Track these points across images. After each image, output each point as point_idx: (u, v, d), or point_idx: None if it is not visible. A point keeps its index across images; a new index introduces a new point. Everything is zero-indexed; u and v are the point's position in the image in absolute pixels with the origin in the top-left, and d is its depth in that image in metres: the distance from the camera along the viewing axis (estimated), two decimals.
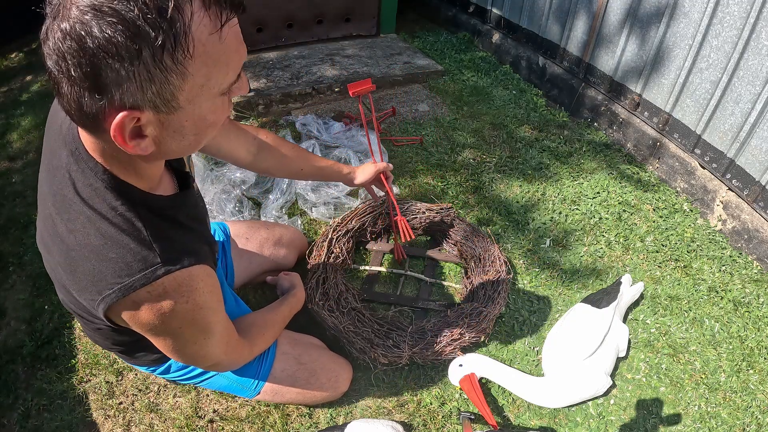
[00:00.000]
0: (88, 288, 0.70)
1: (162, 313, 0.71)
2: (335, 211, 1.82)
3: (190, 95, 0.57)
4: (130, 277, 0.68)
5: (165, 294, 0.70)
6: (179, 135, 0.62)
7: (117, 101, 0.53)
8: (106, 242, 0.68)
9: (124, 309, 0.70)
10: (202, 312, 0.77)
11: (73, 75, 0.51)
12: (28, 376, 1.34)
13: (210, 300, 0.78)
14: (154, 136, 0.60)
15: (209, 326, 0.81)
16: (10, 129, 2.51)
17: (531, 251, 1.72)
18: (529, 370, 1.37)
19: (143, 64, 0.51)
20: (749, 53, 1.61)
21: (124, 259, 0.68)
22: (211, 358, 0.87)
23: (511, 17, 2.88)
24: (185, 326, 0.76)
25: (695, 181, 1.91)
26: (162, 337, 0.77)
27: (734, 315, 1.51)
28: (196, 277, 0.74)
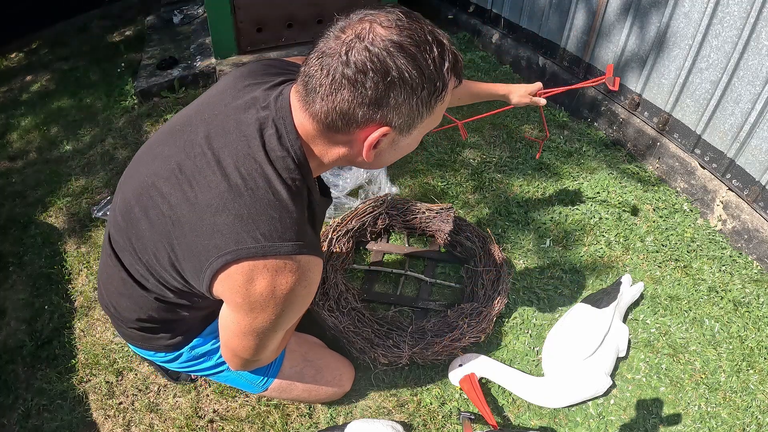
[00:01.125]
0: (219, 238, 0.70)
1: (281, 288, 0.72)
2: (335, 211, 1.82)
3: (422, 129, 0.75)
4: (282, 240, 0.70)
5: (295, 271, 0.72)
6: (395, 153, 0.77)
7: (385, 119, 0.68)
8: (277, 201, 0.72)
9: (250, 269, 0.70)
10: (305, 301, 0.79)
11: (365, 87, 0.64)
12: (28, 376, 1.34)
13: (311, 295, 0.80)
14: (382, 148, 0.74)
15: (291, 320, 0.81)
16: (10, 129, 2.51)
17: (531, 251, 1.72)
18: (529, 370, 1.37)
19: (420, 99, 0.67)
20: (749, 53, 1.61)
21: (284, 223, 0.71)
22: (262, 351, 0.86)
23: (511, 17, 2.88)
24: (285, 310, 0.76)
25: (695, 181, 1.91)
26: (254, 314, 0.75)
27: (734, 315, 1.51)
28: (318, 271, 0.78)
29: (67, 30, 3.69)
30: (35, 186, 2.06)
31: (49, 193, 2.01)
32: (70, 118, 2.55)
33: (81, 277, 1.62)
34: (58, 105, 2.68)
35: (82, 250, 1.72)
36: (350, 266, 1.62)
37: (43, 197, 1.99)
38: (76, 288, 1.59)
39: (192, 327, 1.05)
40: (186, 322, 1.02)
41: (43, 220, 1.87)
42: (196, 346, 1.09)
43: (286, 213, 0.72)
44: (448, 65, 0.68)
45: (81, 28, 3.73)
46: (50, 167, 2.18)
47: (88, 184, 2.04)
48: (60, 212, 1.90)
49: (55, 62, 3.21)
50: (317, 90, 0.67)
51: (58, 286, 1.59)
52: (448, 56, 0.68)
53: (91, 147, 2.29)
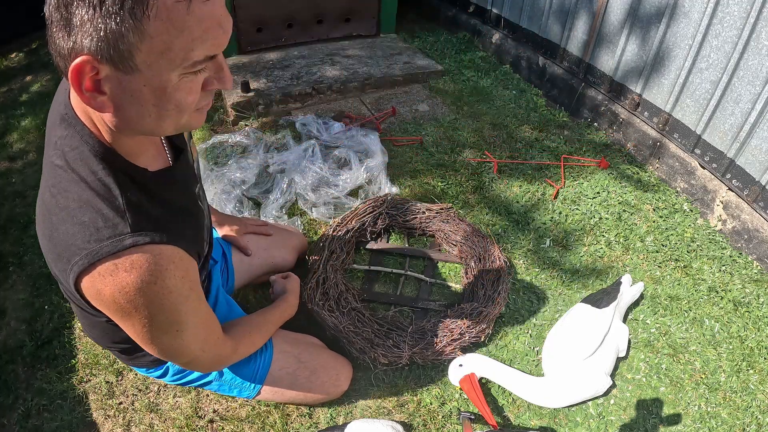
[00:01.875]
0: (62, 255, 0.68)
1: (126, 290, 0.67)
2: (335, 211, 1.82)
3: (148, 59, 0.57)
4: (99, 242, 0.66)
5: (132, 268, 0.67)
6: (137, 102, 0.61)
7: (79, 44, 0.54)
8: (82, 205, 0.67)
9: (91, 281, 0.67)
10: (171, 297, 0.72)
11: (54, 15, 0.54)
12: (28, 376, 1.34)
13: (182, 286, 0.73)
14: (112, 95, 0.60)
15: (181, 316, 0.76)
16: (10, 129, 2.51)
17: (531, 251, 1.72)
18: (529, 370, 1.37)
19: (105, 11, 0.52)
20: (749, 53, 1.61)
21: (95, 224, 0.66)
22: (186, 353, 0.83)
23: (511, 17, 2.88)
24: (154, 311, 0.71)
25: (695, 181, 1.91)
26: (130, 320, 0.72)
27: (734, 315, 1.51)
28: (167, 257, 0.71)
29: None
30: (35, 186, 2.06)
31: None
32: None
33: None
34: None
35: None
36: (350, 266, 1.62)
37: None
38: None
39: None
40: None
41: None
42: None
43: (95, 213, 0.67)
44: None
45: None
46: None
47: None
48: None
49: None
50: (50, 39, 0.58)
51: (58, 286, 1.59)
52: None
53: None
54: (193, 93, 0.63)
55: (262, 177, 1.97)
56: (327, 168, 1.95)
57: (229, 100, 2.39)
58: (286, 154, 2.03)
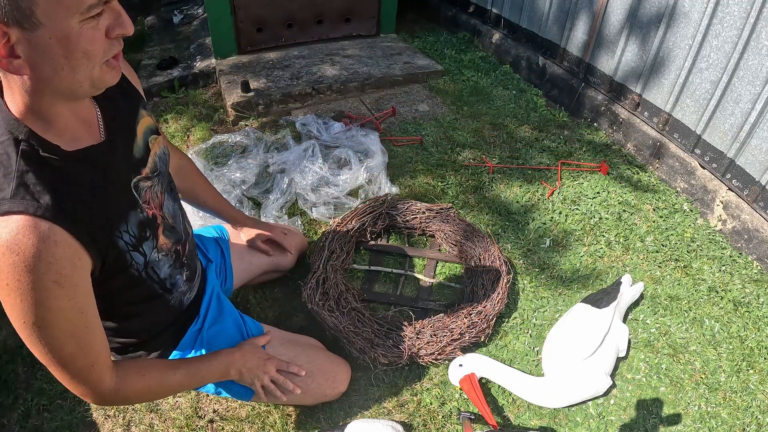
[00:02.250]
0: None
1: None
2: (335, 211, 1.82)
3: (46, 10, 0.59)
4: None
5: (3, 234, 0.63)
6: (49, 57, 0.63)
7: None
8: None
9: None
10: (28, 277, 0.66)
11: None
12: (28, 376, 1.34)
13: (45, 271, 0.67)
14: (26, 56, 0.62)
15: (39, 308, 0.69)
16: None
17: (531, 251, 1.72)
18: (529, 370, 1.37)
19: None
20: (749, 53, 1.61)
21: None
22: (53, 363, 0.76)
23: (511, 17, 2.88)
24: (13, 290, 0.66)
25: (695, 181, 1.91)
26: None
27: (734, 315, 1.51)
28: (40, 233, 0.66)
29: None
30: None
31: None
32: None
33: None
34: None
35: None
36: (350, 266, 1.62)
37: None
38: None
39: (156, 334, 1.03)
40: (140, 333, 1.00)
41: None
42: None
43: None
44: None
45: None
46: None
47: None
48: None
49: None
50: None
51: None
52: None
53: None
54: (98, 40, 0.65)
55: (262, 177, 1.97)
56: (327, 168, 1.95)
57: (229, 100, 2.39)
58: (286, 154, 2.03)
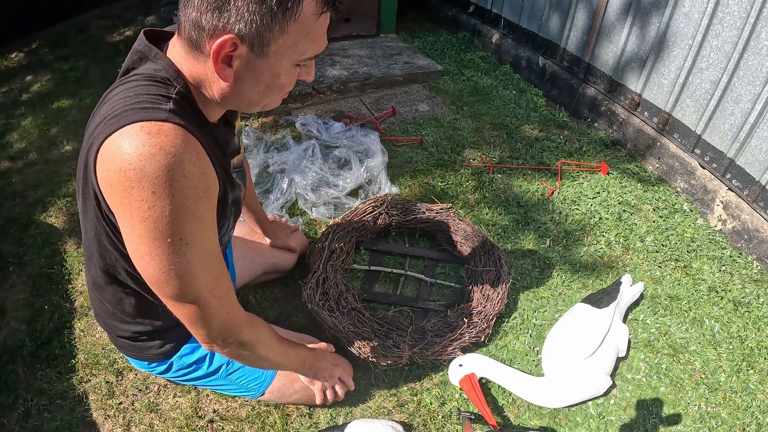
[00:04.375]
0: (104, 128, 0.69)
1: (143, 152, 0.64)
2: (335, 211, 1.82)
3: (279, 50, 0.71)
4: (134, 111, 0.68)
5: (157, 133, 0.66)
6: (255, 79, 0.74)
7: (229, 26, 0.67)
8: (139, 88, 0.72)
9: (113, 139, 0.66)
10: (185, 184, 0.68)
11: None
12: (28, 376, 1.34)
13: (198, 182, 0.70)
14: (238, 69, 0.72)
15: (190, 223, 0.71)
16: (10, 129, 2.51)
17: (531, 251, 1.72)
18: (529, 370, 1.37)
19: (266, 8, 0.66)
20: (749, 53, 1.61)
21: (140, 98, 0.70)
22: (192, 285, 0.75)
23: (511, 17, 2.88)
24: (161, 195, 0.66)
25: (695, 181, 1.91)
26: (132, 201, 0.67)
27: (734, 315, 1.51)
28: (194, 144, 0.70)
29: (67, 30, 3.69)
30: (35, 186, 2.06)
31: (49, 193, 2.01)
32: (70, 118, 2.55)
33: (81, 277, 1.62)
34: (58, 105, 2.68)
35: (82, 251, 1.72)
36: (350, 266, 1.61)
37: (43, 197, 1.99)
38: (76, 288, 1.59)
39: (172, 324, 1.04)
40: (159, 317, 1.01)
41: (43, 220, 1.87)
42: (184, 354, 1.09)
43: (147, 93, 0.71)
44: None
45: (81, 28, 3.73)
46: (50, 167, 2.17)
47: None
48: (60, 212, 1.90)
49: (55, 62, 3.20)
50: (186, 7, 0.69)
51: (58, 286, 1.59)
52: None
53: None
54: (292, 80, 0.78)
55: (262, 177, 1.97)
56: (327, 168, 1.95)
57: None
58: (286, 154, 2.03)
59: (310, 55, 0.75)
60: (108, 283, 0.93)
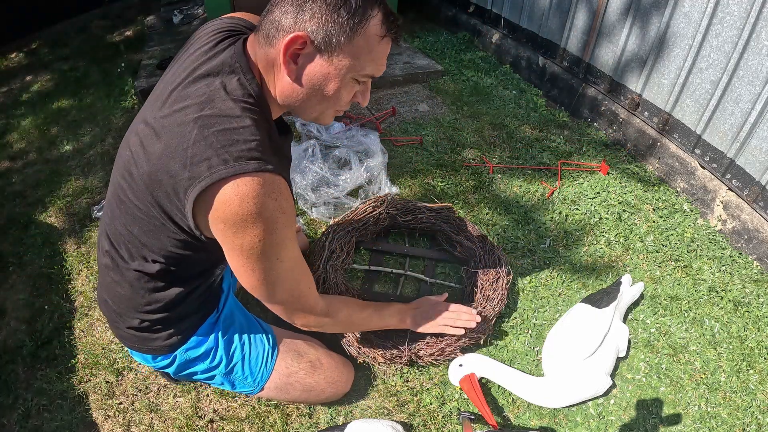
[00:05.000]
0: (194, 169, 0.75)
1: (251, 199, 0.75)
2: (335, 211, 1.82)
3: (341, 56, 0.79)
4: (249, 160, 0.75)
5: (260, 186, 0.76)
6: (314, 83, 0.82)
7: (303, 26, 0.76)
8: (241, 128, 0.78)
9: (220, 192, 0.75)
10: (283, 218, 0.81)
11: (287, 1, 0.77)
12: (28, 376, 1.34)
13: (290, 212, 0.83)
14: (302, 68, 0.80)
15: (284, 243, 0.85)
16: (10, 129, 2.51)
17: (531, 251, 1.72)
18: (529, 370, 1.37)
19: (338, 15, 0.75)
20: (749, 53, 1.61)
21: (248, 146, 0.76)
22: (286, 280, 0.91)
23: (511, 17, 2.88)
24: (266, 227, 0.79)
25: (695, 181, 1.91)
26: (243, 235, 0.79)
27: (734, 315, 1.51)
28: (281, 184, 0.80)
29: (67, 30, 3.69)
30: (35, 186, 2.06)
31: (49, 193, 2.01)
32: (70, 118, 2.55)
33: (81, 277, 1.62)
34: (58, 105, 2.68)
35: (82, 250, 1.72)
36: (350, 266, 1.61)
37: (43, 197, 1.99)
38: (76, 288, 1.59)
39: (185, 314, 1.06)
40: (178, 305, 1.03)
41: (43, 220, 1.87)
42: (190, 348, 1.09)
43: (251, 138, 0.77)
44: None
45: (81, 28, 3.73)
46: (50, 167, 2.18)
47: (88, 184, 2.04)
48: (60, 212, 1.90)
49: (55, 62, 3.21)
50: (271, 13, 0.80)
51: (58, 286, 1.59)
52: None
53: (91, 147, 2.29)
54: (346, 95, 0.85)
55: None
56: (327, 168, 1.95)
57: None
58: None
59: (368, 72, 0.82)
60: (137, 267, 0.95)
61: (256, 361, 1.15)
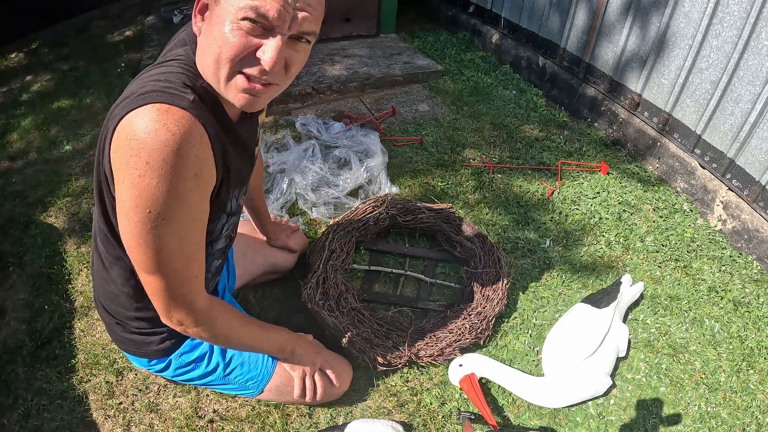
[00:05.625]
0: (128, 104, 0.71)
1: (147, 130, 0.68)
2: (335, 211, 1.82)
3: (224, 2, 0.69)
4: (162, 95, 0.71)
5: (161, 114, 0.69)
6: (206, 36, 0.73)
7: None
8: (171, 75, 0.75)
9: (133, 115, 0.69)
10: (182, 165, 0.70)
11: None
12: (28, 376, 1.34)
13: (193, 166, 0.73)
14: (206, 22, 0.74)
15: (175, 201, 0.73)
16: (10, 129, 2.51)
17: (531, 251, 1.72)
18: (529, 370, 1.37)
19: None
20: (749, 53, 1.61)
21: (169, 84, 0.73)
22: (160, 255, 0.77)
23: (511, 17, 2.88)
24: (157, 168, 0.69)
25: (695, 181, 1.91)
26: (129, 171, 0.70)
27: (734, 315, 1.51)
28: (200, 134, 0.73)
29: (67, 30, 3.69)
30: (35, 186, 2.06)
31: (49, 193, 2.01)
32: (70, 118, 2.55)
33: (81, 277, 1.62)
34: (58, 105, 2.68)
35: (82, 250, 1.72)
36: (350, 266, 1.61)
37: (43, 197, 1.99)
38: (76, 288, 1.59)
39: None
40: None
41: (43, 220, 1.87)
42: (184, 353, 1.09)
43: (175, 81, 0.75)
44: None
45: (81, 28, 3.73)
46: (50, 167, 2.17)
47: (88, 184, 2.03)
48: (60, 212, 1.90)
49: (55, 62, 3.21)
50: None
51: (58, 286, 1.59)
52: None
53: (91, 147, 2.29)
54: (234, 42, 0.70)
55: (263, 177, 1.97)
56: (327, 168, 1.95)
57: None
58: (286, 154, 2.03)
59: (245, 5, 0.67)
60: (117, 260, 0.93)
61: (256, 364, 1.15)
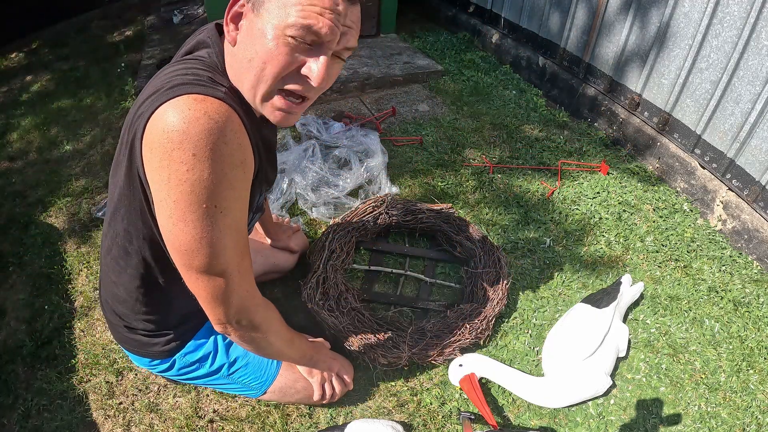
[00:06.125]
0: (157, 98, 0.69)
1: (186, 119, 0.65)
2: (335, 211, 1.82)
3: (265, 8, 0.68)
4: (195, 86, 0.69)
5: (198, 103, 0.66)
6: (244, 47, 0.71)
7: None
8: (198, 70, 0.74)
9: (167, 107, 0.66)
10: (226, 151, 0.68)
11: None
12: (28, 376, 1.34)
13: (236, 154, 0.70)
14: (242, 30, 0.72)
15: (226, 190, 0.70)
16: (10, 129, 2.51)
17: (531, 251, 1.72)
18: (529, 370, 1.37)
19: None
20: (749, 53, 1.61)
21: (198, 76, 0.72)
22: (220, 255, 0.73)
23: (511, 17, 2.88)
24: (200, 159, 0.66)
25: (695, 181, 1.91)
26: (168, 161, 0.66)
27: (734, 315, 1.51)
28: (238, 124, 0.70)
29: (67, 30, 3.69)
30: (35, 186, 2.06)
31: (49, 193, 2.01)
32: (70, 118, 2.55)
33: (81, 277, 1.62)
34: (58, 105, 2.68)
35: (82, 250, 1.72)
36: (350, 266, 1.61)
37: (43, 197, 1.99)
38: (76, 288, 1.59)
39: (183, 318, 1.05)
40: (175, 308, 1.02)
41: (43, 220, 1.87)
42: (188, 352, 1.09)
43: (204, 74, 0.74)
44: None
45: (81, 28, 3.73)
46: (50, 167, 2.17)
47: (88, 184, 2.04)
48: (60, 212, 1.90)
49: (55, 62, 3.21)
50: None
51: (58, 286, 1.59)
52: None
53: (91, 147, 2.29)
54: (280, 59, 0.69)
55: None
56: (327, 168, 1.95)
57: None
58: (286, 154, 2.03)
59: (295, 22, 0.66)
60: (129, 266, 0.92)
61: (260, 365, 1.15)
